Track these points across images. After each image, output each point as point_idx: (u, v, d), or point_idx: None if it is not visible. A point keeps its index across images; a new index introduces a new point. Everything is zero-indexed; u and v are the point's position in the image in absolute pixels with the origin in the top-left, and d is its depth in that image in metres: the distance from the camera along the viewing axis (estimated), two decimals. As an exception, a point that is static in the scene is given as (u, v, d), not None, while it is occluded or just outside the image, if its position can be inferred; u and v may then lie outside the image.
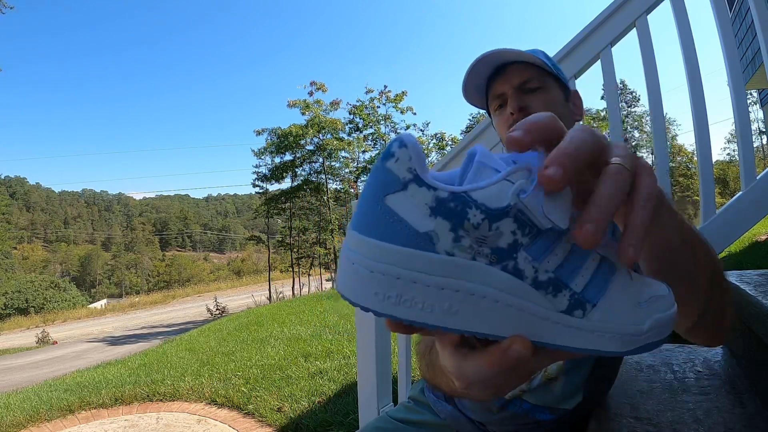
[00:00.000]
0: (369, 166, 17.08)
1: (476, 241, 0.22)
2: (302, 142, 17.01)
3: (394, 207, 0.22)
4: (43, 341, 13.71)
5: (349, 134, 17.49)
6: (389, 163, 0.22)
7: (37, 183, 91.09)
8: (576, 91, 0.91)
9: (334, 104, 17.43)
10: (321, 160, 17.40)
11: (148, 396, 3.74)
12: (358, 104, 17.23)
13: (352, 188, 17.56)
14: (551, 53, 1.45)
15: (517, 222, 0.23)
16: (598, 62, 1.39)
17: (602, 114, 15.22)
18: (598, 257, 0.24)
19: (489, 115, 0.93)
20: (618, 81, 1.44)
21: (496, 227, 0.22)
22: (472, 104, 0.93)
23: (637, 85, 34.82)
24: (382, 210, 0.23)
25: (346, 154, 17.81)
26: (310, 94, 17.10)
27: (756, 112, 17.35)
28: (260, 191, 18.28)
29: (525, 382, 0.26)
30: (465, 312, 0.23)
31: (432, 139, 18.65)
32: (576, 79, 1.40)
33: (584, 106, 0.92)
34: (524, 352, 0.23)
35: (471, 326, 0.23)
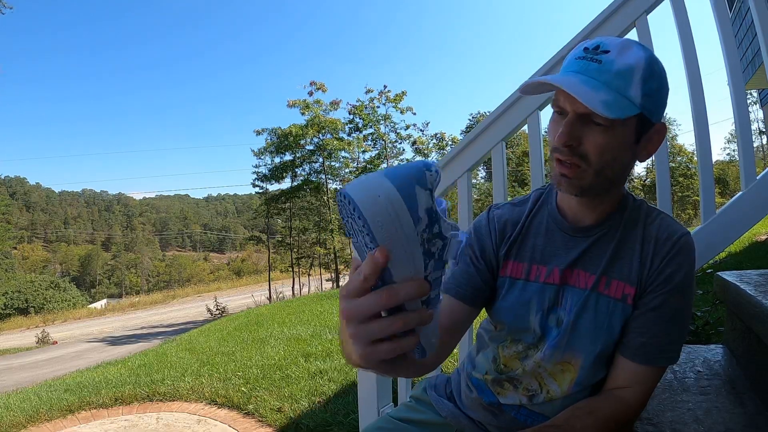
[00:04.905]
0: (369, 166, 17.09)
1: (427, 236, 0.39)
2: (302, 142, 17.01)
3: (416, 193, 0.37)
4: (43, 341, 13.70)
5: (349, 134, 17.50)
6: (428, 173, 0.38)
7: (37, 183, 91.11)
8: (661, 125, 0.75)
9: (334, 104, 17.44)
10: (321, 160, 17.40)
11: (148, 396, 3.74)
12: (357, 104, 17.24)
13: (352, 188, 17.54)
14: (548, 55, 1.45)
15: (442, 243, 0.40)
16: (598, 62, 1.38)
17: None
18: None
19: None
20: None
21: (437, 240, 0.40)
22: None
23: (637, 85, 34.49)
24: (410, 189, 0.37)
25: (346, 154, 17.83)
26: (310, 94, 17.12)
27: (756, 112, 17.34)
28: (260, 191, 18.28)
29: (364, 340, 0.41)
30: (395, 250, 0.38)
31: (432, 139, 18.67)
32: (576, 79, 1.40)
33: None
34: (381, 260, 0.37)
35: (393, 256, 0.38)
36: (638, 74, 0.67)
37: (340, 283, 16.94)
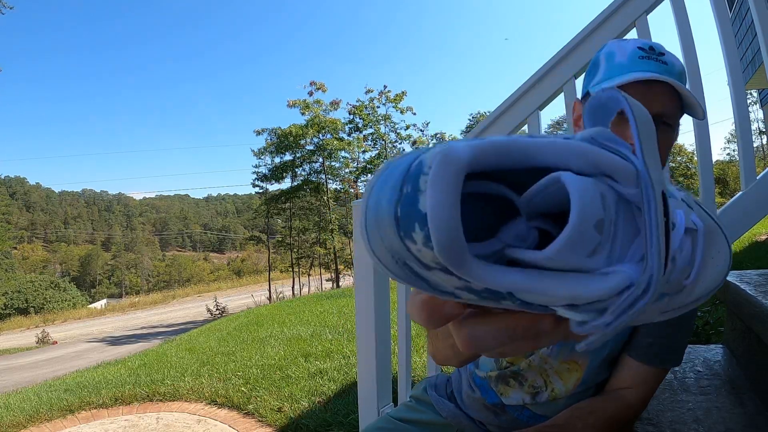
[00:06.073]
0: (369, 166, 17.10)
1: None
2: (302, 142, 17.02)
3: (414, 267, 0.18)
4: (43, 341, 13.72)
5: (349, 134, 17.51)
6: (409, 244, 0.17)
7: (37, 183, 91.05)
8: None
9: (334, 104, 17.46)
10: (321, 160, 17.41)
11: (148, 396, 3.74)
12: (357, 104, 17.25)
13: (352, 188, 17.57)
14: (550, 55, 1.45)
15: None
16: (598, 62, 1.38)
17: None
18: None
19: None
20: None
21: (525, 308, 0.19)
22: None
23: (637, 85, 34.45)
24: (400, 264, 0.18)
25: (346, 155, 17.84)
26: (310, 94, 17.14)
27: (756, 112, 17.35)
28: (260, 191, 18.30)
29: (534, 349, 0.23)
30: None
31: (432, 139, 18.66)
32: (575, 79, 1.40)
33: None
34: (549, 327, 0.22)
35: None
36: (685, 76, 0.73)
37: (341, 284, 16.95)
